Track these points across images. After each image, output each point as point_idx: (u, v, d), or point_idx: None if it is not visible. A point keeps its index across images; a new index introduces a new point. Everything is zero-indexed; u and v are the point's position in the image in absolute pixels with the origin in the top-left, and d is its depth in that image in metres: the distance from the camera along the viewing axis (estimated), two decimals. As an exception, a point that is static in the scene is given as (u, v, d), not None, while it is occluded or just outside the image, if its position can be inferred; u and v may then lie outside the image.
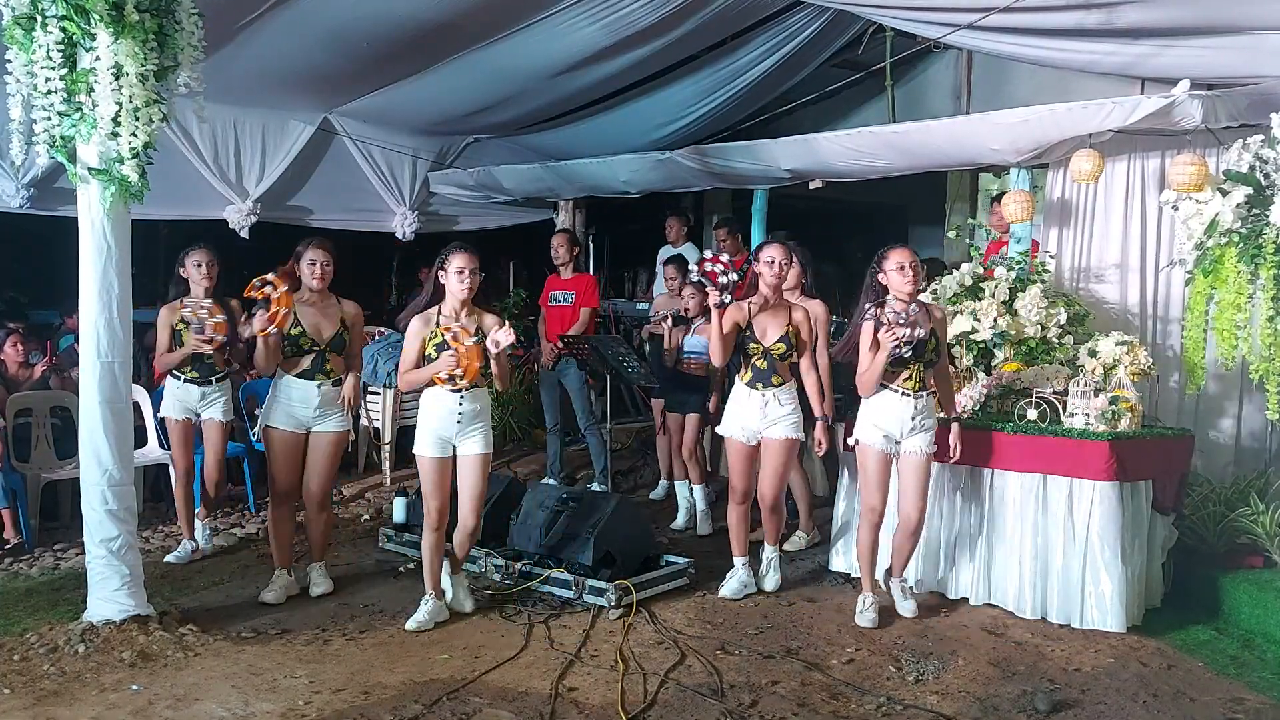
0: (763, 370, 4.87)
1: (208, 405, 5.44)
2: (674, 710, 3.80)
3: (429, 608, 4.59)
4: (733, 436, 4.98)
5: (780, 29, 7.13)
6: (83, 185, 4.15)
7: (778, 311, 4.92)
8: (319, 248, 4.84)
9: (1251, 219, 4.54)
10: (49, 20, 3.90)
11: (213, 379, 5.43)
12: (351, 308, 4.96)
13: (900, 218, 11.41)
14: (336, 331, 4.84)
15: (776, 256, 4.92)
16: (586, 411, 7.11)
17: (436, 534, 4.55)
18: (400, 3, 5.87)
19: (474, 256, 4.46)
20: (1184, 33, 5.36)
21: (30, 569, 5.40)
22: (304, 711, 3.73)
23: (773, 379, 4.88)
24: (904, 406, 4.55)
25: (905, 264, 4.47)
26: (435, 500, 4.52)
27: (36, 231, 7.04)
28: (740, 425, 4.94)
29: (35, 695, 3.79)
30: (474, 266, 4.44)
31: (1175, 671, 4.25)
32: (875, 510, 4.68)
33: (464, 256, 4.44)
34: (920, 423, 4.57)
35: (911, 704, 3.88)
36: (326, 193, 8.20)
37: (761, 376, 4.88)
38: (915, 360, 4.51)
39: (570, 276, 7.25)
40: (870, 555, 4.76)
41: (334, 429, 4.86)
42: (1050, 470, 4.71)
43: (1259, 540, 4.90)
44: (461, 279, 4.42)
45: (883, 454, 4.61)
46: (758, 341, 4.86)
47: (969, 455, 4.79)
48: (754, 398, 4.89)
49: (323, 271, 4.81)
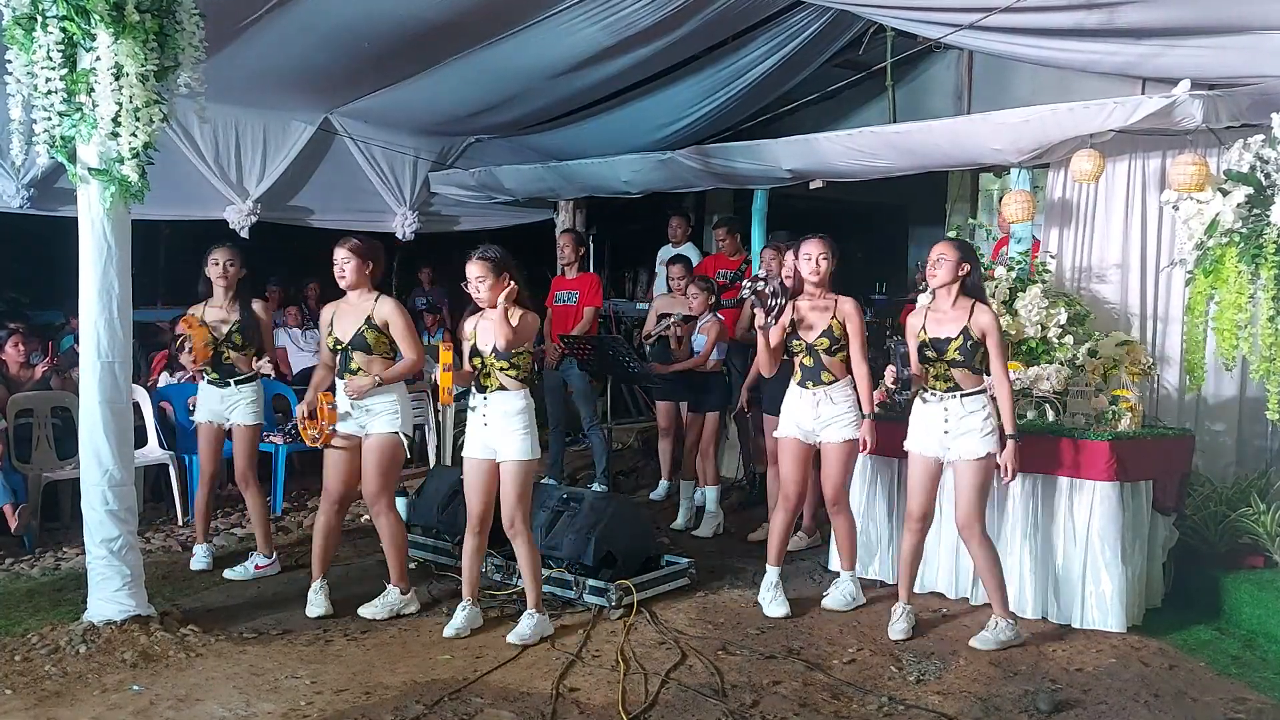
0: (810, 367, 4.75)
1: (231, 408, 5.33)
2: (675, 710, 3.80)
3: (465, 614, 4.52)
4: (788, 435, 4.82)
5: (781, 29, 7.13)
6: (83, 185, 4.15)
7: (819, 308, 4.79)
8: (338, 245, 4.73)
9: (1252, 219, 4.53)
10: (49, 20, 3.90)
11: (232, 381, 5.31)
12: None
13: (900, 218, 11.41)
14: (358, 330, 4.67)
15: (814, 252, 4.74)
16: (590, 411, 7.11)
17: (474, 539, 4.47)
18: (401, 3, 5.87)
19: (480, 263, 4.34)
20: (1185, 33, 5.36)
21: (31, 569, 5.39)
22: (305, 712, 3.73)
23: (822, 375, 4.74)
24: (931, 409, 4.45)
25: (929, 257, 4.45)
26: (470, 504, 4.47)
27: (37, 232, 7.03)
28: (795, 424, 4.81)
29: (37, 696, 3.79)
30: (479, 274, 4.34)
31: (1177, 671, 4.25)
32: (914, 517, 4.56)
33: (471, 266, 4.36)
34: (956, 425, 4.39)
35: (913, 704, 3.88)
36: (327, 193, 8.20)
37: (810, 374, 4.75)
38: (939, 359, 4.41)
39: (575, 276, 7.25)
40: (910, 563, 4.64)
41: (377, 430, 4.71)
42: (1050, 470, 4.71)
43: (1260, 540, 4.90)
44: (476, 291, 4.37)
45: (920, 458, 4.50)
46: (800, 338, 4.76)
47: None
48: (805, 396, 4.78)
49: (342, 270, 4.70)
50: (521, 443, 4.38)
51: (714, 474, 6.42)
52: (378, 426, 4.67)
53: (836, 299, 4.76)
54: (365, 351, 4.66)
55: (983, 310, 4.42)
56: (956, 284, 4.44)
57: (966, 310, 4.42)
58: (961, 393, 4.40)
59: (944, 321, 4.45)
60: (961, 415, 4.39)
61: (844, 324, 4.71)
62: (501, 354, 4.35)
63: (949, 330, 4.41)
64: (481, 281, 4.35)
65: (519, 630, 4.43)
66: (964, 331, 4.38)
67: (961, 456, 4.38)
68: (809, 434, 4.78)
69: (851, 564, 4.95)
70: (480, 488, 4.45)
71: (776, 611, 4.80)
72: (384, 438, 4.67)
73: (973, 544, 4.45)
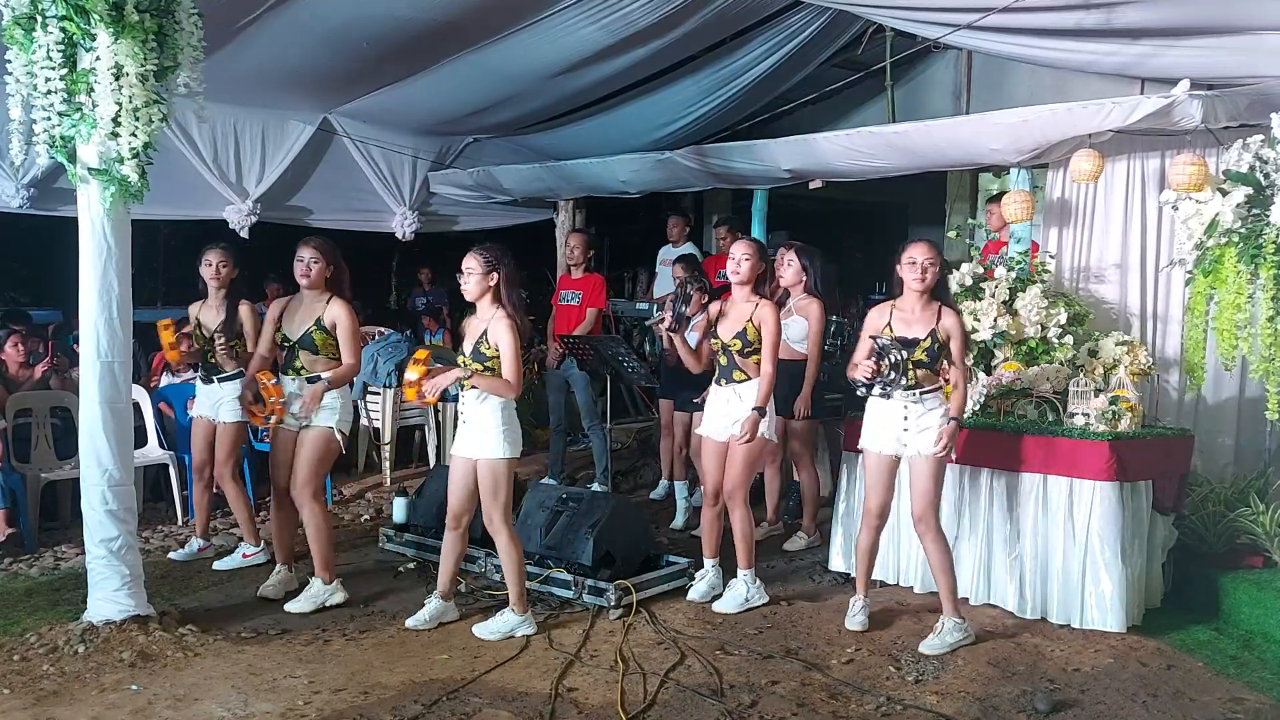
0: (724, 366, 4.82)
1: (215, 405, 5.43)
2: (674, 710, 3.80)
3: (430, 608, 4.57)
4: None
5: (780, 29, 7.13)
6: (83, 185, 4.15)
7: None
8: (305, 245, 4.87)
9: (1251, 219, 4.53)
10: (49, 20, 3.90)
11: (214, 378, 5.41)
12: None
13: (900, 218, 11.42)
14: (306, 330, 4.77)
15: (919, 258, 4.46)
16: (591, 411, 7.12)
17: (450, 534, 4.53)
18: (401, 3, 5.87)
19: (474, 256, 4.40)
20: (1184, 33, 5.37)
21: (30, 569, 5.40)
22: (304, 711, 3.73)
23: (734, 374, 4.80)
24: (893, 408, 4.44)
25: (916, 260, 4.43)
26: (449, 500, 4.51)
27: (37, 232, 7.04)
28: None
29: (35, 695, 3.79)
30: (470, 266, 4.40)
31: (1175, 671, 4.25)
32: (872, 513, 4.59)
33: (466, 257, 4.43)
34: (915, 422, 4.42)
35: (911, 704, 3.88)
36: (326, 193, 8.21)
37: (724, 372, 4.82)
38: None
39: (580, 276, 7.26)
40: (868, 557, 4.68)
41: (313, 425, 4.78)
42: (1050, 470, 4.71)
43: (1259, 540, 4.90)
44: (464, 281, 4.43)
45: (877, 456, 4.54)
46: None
47: (968, 455, 4.79)
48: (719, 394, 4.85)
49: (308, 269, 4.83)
50: (494, 441, 4.38)
51: None
52: (316, 420, 4.74)
53: (759, 301, 4.81)
54: (311, 351, 4.78)
55: (949, 314, 4.47)
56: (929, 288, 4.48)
57: (934, 313, 4.44)
58: (922, 390, 4.43)
59: (912, 322, 4.46)
60: (921, 413, 4.42)
61: (759, 327, 4.75)
62: (477, 355, 4.37)
63: (917, 331, 4.42)
64: (470, 274, 4.41)
65: (487, 624, 4.48)
66: (931, 334, 4.40)
67: (920, 452, 4.41)
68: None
69: (748, 563, 4.93)
70: (457, 484, 4.49)
71: (692, 595, 4.94)
72: (320, 431, 4.75)
73: (927, 539, 4.48)
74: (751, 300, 4.83)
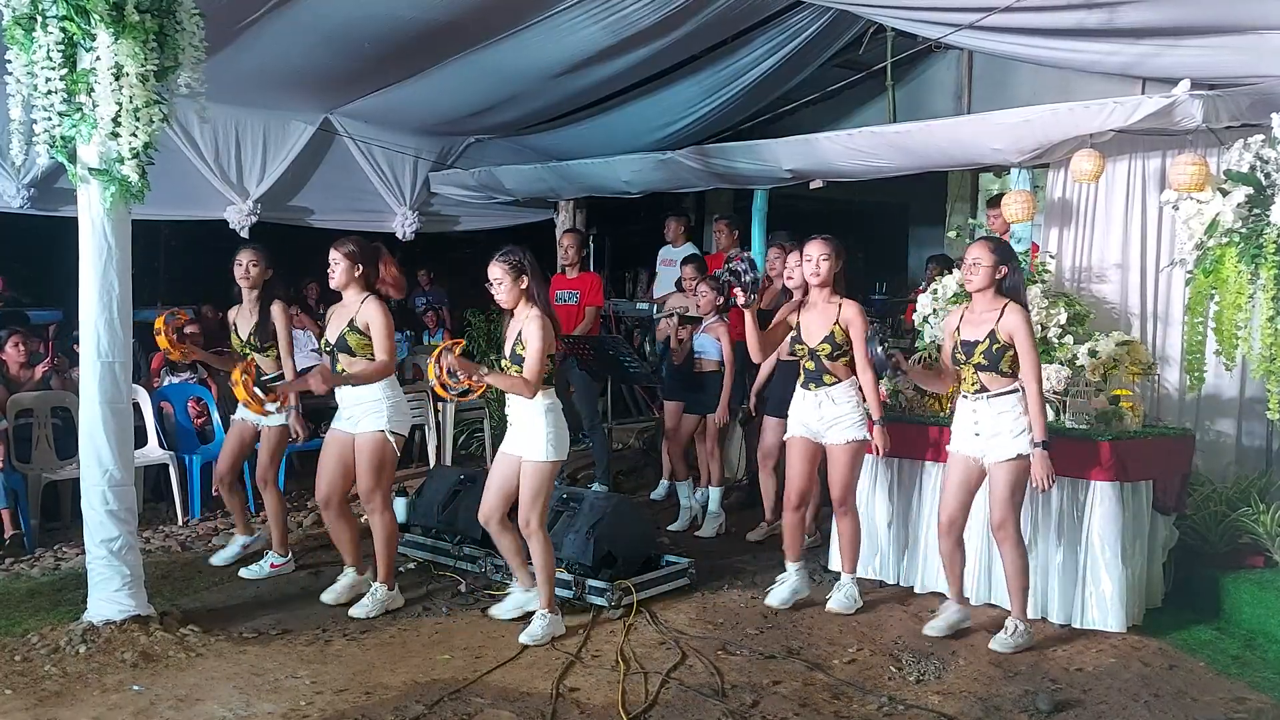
0: (812, 370, 4.76)
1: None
2: (675, 710, 3.80)
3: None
4: (793, 434, 4.83)
5: (781, 29, 7.13)
6: (83, 185, 4.15)
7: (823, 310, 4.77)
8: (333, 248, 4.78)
9: (1252, 219, 4.53)
10: (49, 20, 3.90)
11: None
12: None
13: (901, 218, 11.43)
14: (340, 332, 4.72)
15: (814, 253, 4.66)
16: (592, 411, 7.11)
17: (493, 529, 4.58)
18: (402, 3, 5.87)
19: (499, 265, 4.40)
20: (1185, 33, 5.37)
21: (31, 569, 5.39)
22: (306, 712, 3.73)
23: (824, 378, 4.73)
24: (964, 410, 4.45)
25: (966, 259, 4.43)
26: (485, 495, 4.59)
27: (37, 231, 7.03)
28: (801, 424, 4.80)
29: (37, 696, 3.79)
30: (498, 276, 4.40)
31: (1177, 671, 4.25)
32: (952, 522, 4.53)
33: (492, 268, 4.43)
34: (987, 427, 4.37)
35: (913, 704, 3.88)
36: (327, 193, 8.20)
37: (812, 376, 4.76)
38: (966, 362, 4.39)
39: (575, 276, 7.25)
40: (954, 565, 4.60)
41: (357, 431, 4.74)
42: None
43: (1260, 540, 4.90)
44: (496, 293, 4.44)
45: (959, 458, 4.49)
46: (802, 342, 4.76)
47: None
48: (808, 398, 4.79)
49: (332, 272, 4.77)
50: (539, 443, 4.38)
51: (718, 474, 6.42)
52: (364, 426, 4.69)
53: (841, 302, 4.73)
54: (349, 354, 4.70)
55: (1013, 311, 4.31)
56: (992, 287, 4.38)
57: (997, 312, 4.35)
58: (989, 394, 4.36)
59: (977, 324, 4.41)
60: (991, 417, 4.36)
61: (846, 329, 4.68)
62: (514, 357, 4.40)
63: (978, 333, 4.37)
64: (499, 284, 4.41)
65: (529, 630, 4.43)
66: (990, 335, 4.33)
67: (994, 458, 4.37)
68: (815, 434, 4.78)
69: (853, 566, 4.93)
70: (494, 483, 4.53)
71: (773, 600, 4.89)
72: (370, 436, 4.68)
73: (1005, 546, 4.43)
74: (833, 301, 4.73)
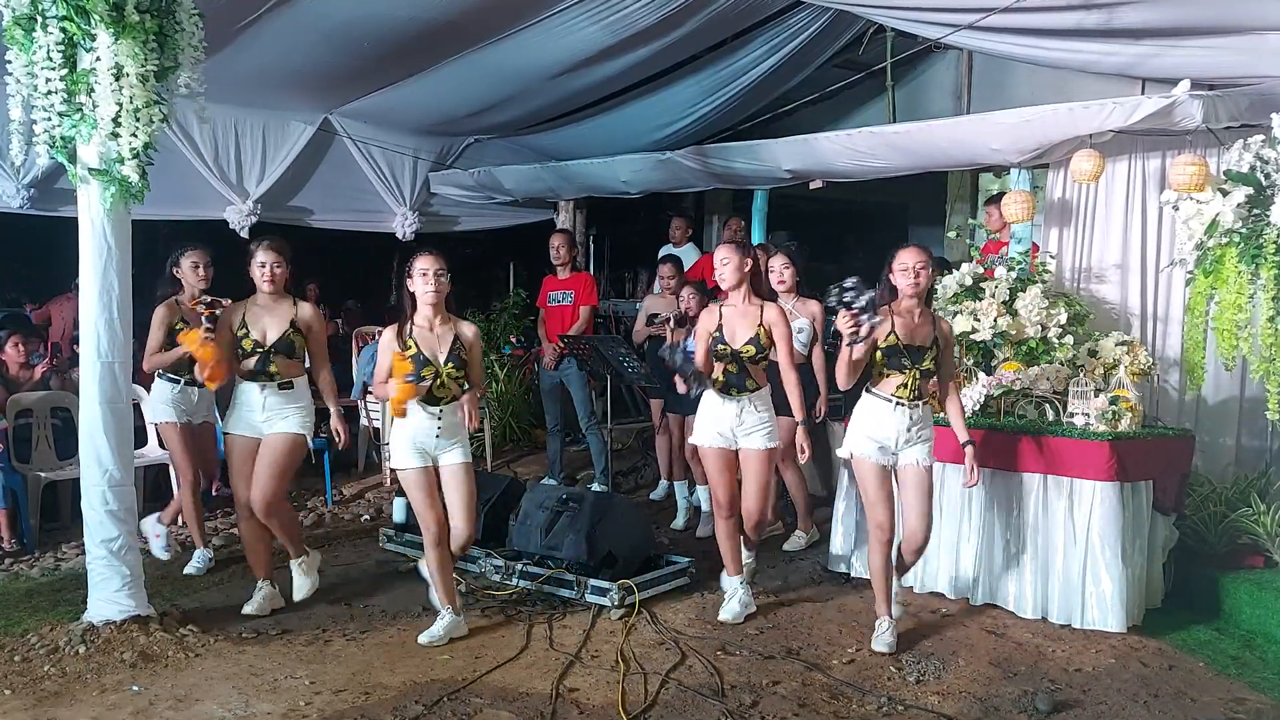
0: (734, 374, 4.62)
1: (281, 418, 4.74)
2: (675, 710, 3.80)
3: (445, 623, 4.39)
4: (710, 445, 4.69)
5: (781, 29, 7.13)
6: (83, 185, 4.15)
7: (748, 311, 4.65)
8: (269, 249, 4.64)
9: (1252, 219, 4.53)
10: (49, 21, 3.90)
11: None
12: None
13: (901, 218, 11.41)
14: (283, 334, 4.62)
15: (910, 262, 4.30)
16: (588, 412, 7.11)
17: (440, 549, 4.35)
18: (401, 3, 5.87)
19: (439, 258, 4.30)
20: (1184, 33, 5.37)
21: (31, 569, 5.40)
22: (305, 712, 3.73)
23: (746, 383, 4.62)
24: (898, 417, 4.32)
25: (909, 265, 4.28)
26: (432, 512, 4.32)
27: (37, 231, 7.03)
28: (717, 432, 4.68)
29: (36, 696, 3.79)
30: (439, 268, 4.27)
31: (1176, 672, 4.25)
32: (883, 528, 4.36)
33: (428, 258, 4.28)
34: (916, 434, 4.35)
35: (913, 704, 3.88)
36: (327, 193, 8.21)
37: (734, 381, 4.62)
38: (912, 367, 4.27)
39: (567, 276, 7.25)
40: (883, 576, 4.43)
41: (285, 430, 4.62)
42: (1050, 470, 4.71)
43: (1259, 540, 4.90)
44: (426, 281, 4.26)
45: (878, 466, 4.36)
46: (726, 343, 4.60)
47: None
48: (728, 405, 4.65)
49: (273, 274, 4.62)
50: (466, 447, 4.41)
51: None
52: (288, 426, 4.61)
53: (763, 304, 4.63)
54: (288, 355, 4.64)
55: (943, 320, 4.49)
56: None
57: (930, 320, 4.37)
58: (923, 401, 4.38)
59: (916, 330, 4.32)
60: (922, 425, 4.38)
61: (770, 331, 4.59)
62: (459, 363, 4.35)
63: (921, 339, 4.32)
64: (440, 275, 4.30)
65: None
66: (935, 343, 4.33)
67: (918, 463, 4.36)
68: (730, 442, 4.67)
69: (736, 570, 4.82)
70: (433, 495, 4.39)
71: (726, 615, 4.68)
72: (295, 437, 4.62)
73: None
74: (754, 303, 4.63)
